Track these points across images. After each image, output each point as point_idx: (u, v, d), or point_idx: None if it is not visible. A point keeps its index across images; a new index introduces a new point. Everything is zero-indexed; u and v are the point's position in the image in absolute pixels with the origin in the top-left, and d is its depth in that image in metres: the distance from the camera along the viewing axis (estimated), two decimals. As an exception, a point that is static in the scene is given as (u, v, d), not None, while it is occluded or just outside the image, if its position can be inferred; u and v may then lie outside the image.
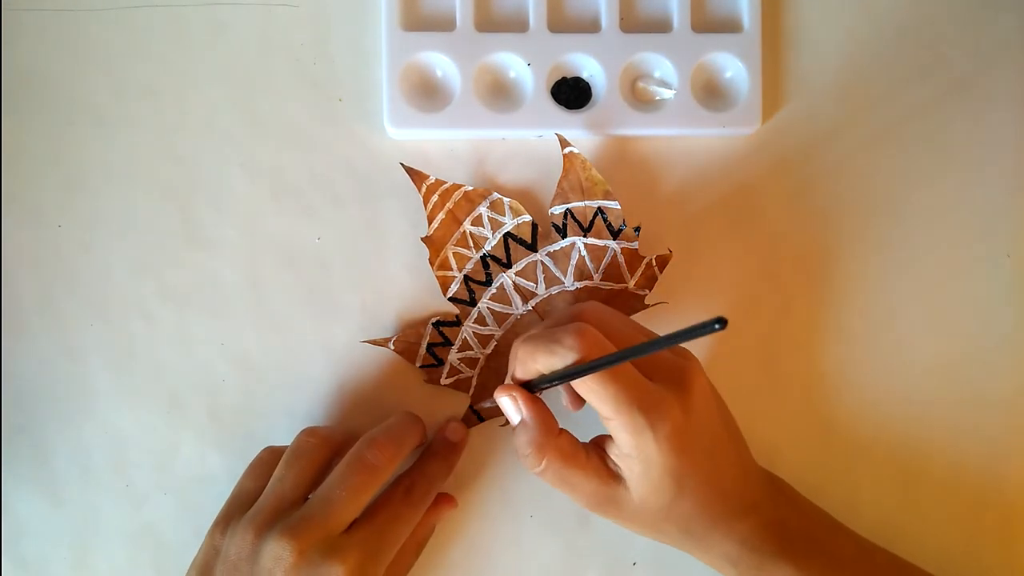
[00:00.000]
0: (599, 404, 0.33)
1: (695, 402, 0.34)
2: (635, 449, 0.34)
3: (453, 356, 0.42)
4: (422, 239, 0.42)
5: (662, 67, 0.43)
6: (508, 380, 0.36)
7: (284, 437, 0.39)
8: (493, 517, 0.42)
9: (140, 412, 0.41)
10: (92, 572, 0.41)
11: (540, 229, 0.42)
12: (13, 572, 0.41)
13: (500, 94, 0.43)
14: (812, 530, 0.38)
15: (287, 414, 0.42)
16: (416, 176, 0.42)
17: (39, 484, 0.41)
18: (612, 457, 0.35)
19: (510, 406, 0.36)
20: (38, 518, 0.41)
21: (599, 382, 0.33)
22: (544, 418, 0.35)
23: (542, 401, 0.36)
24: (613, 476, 0.35)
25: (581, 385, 0.33)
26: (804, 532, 0.38)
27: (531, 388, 0.36)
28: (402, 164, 0.42)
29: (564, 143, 0.42)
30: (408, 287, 0.42)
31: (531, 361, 0.34)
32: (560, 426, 0.36)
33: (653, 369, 0.35)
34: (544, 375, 0.34)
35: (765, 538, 0.37)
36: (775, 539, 0.37)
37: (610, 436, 0.35)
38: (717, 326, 0.25)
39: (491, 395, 0.42)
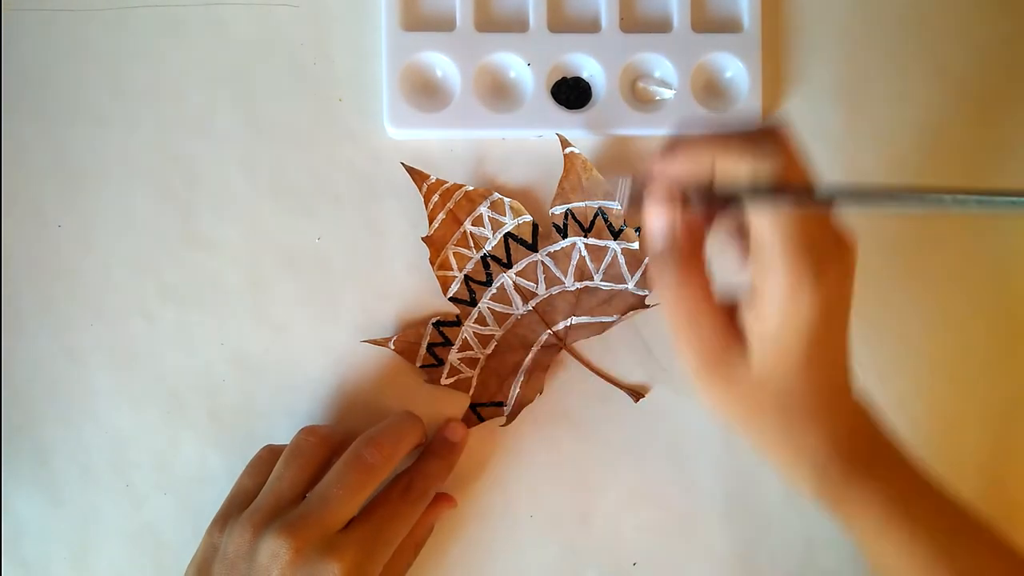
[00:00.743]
0: (777, 235, 0.29)
1: (846, 281, 0.31)
2: (787, 302, 0.30)
3: (453, 356, 0.42)
4: (423, 239, 0.42)
5: (662, 67, 0.43)
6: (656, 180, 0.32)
7: (284, 437, 0.39)
8: (492, 517, 0.42)
9: (140, 412, 0.41)
10: (92, 572, 0.41)
11: (540, 229, 0.42)
12: (13, 572, 0.41)
13: (500, 94, 0.43)
14: (896, 448, 0.35)
15: (287, 414, 0.42)
16: (417, 176, 0.42)
17: (39, 484, 0.41)
18: (747, 320, 0.32)
19: (666, 228, 0.32)
20: (38, 518, 0.41)
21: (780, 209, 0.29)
22: (700, 247, 0.32)
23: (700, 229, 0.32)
24: (736, 336, 0.32)
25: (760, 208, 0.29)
26: (890, 448, 0.35)
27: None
28: (403, 164, 0.42)
29: (565, 143, 0.42)
30: (408, 287, 0.42)
31: (723, 150, 0.30)
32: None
33: (822, 232, 0.31)
34: (721, 183, 0.30)
35: (856, 446, 0.34)
36: (864, 450, 0.34)
37: (748, 303, 0.31)
38: None
39: (491, 395, 0.42)
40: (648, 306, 0.42)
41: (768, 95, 0.43)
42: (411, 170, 0.42)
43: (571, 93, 0.43)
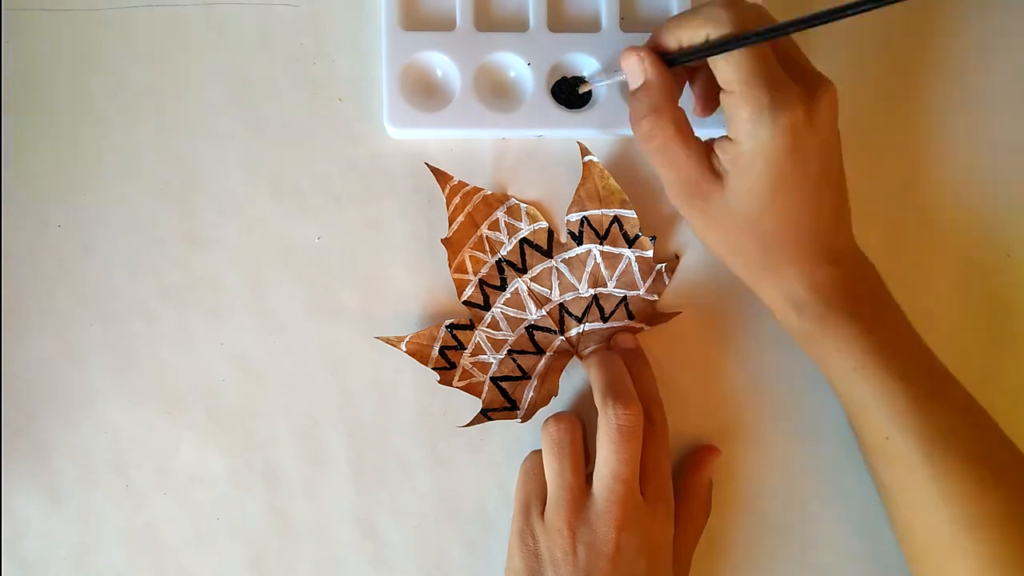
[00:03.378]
0: (730, 70, 0.33)
1: (820, 117, 0.34)
2: (750, 129, 0.33)
3: (465, 360, 0.42)
4: (441, 240, 0.42)
5: (662, 67, 0.43)
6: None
7: (284, 437, 0.39)
8: (493, 517, 0.42)
9: (140, 412, 0.41)
10: (92, 572, 0.41)
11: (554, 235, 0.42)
12: (13, 572, 0.41)
13: (500, 94, 0.43)
14: (883, 303, 0.37)
15: (287, 414, 0.42)
16: (440, 176, 0.42)
17: (39, 484, 0.41)
18: (718, 152, 0.35)
19: (636, 66, 0.35)
20: (38, 518, 0.41)
21: (739, 51, 0.32)
22: (669, 84, 0.35)
23: (669, 69, 0.36)
24: (713, 171, 0.35)
25: (719, 55, 0.33)
26: (876, 302, 0.37)
27: (666, 63, 0.35)
28: (427, 164, 0.42)
29: (584, 151, 0.42)
30: (408, 287, 0.42)
31: (677, 29, 0.34)
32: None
33: (792, 69, 0.34)
34: (684, 48, 0.34)
35: (838, 292, 0.36)
36: (847, 297, 0.36)
37: (720, 139, 0.34)
38: None
39: (501, 402, 0.42)
40: (658, 312, 0.42)
41: (767, 95, 0.43)
42: (435, 171, 0.42)
43: (571, 93, 0.43)
